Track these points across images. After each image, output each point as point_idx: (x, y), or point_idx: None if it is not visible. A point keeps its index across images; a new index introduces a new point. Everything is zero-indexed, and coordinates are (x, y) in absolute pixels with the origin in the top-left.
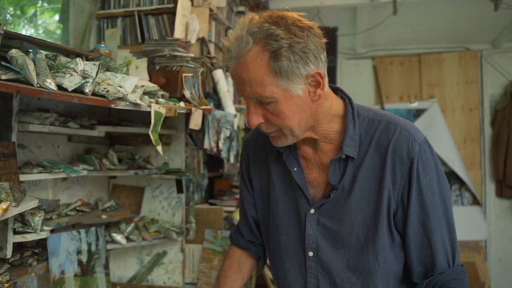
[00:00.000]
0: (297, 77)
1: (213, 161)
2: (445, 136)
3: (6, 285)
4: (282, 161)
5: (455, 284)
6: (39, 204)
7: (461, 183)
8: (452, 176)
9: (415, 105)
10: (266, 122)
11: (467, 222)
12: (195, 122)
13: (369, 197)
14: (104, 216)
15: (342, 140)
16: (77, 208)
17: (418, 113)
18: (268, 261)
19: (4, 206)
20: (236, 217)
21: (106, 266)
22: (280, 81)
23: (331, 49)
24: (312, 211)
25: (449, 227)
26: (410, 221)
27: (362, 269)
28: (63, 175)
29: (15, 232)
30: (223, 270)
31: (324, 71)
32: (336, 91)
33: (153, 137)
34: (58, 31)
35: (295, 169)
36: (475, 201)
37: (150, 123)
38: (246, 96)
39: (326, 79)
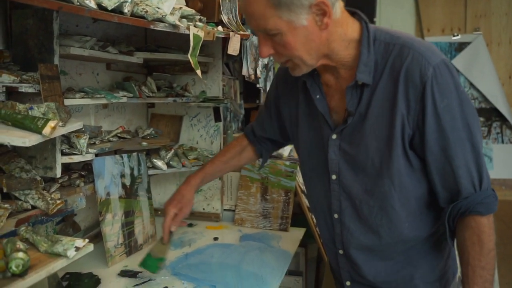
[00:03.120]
0: (298, 7)
1: (250, 92)
2: (488, 71)
3: (58, 201)
4: (307, 89)
5: (480, 208)
6: (83, 129)
7: (503, 120)
8: (494, 113)
9: (457, 38)
10: (276, 53)
11: (507, 160)
12: (234, 48)
13: (382, 123)
14: (144, 143)
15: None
16: (119, 134)
17: (460, 46)
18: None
19: (53, 124)
20: None
21: (148, 190)
22: (281, 13)
23: None
24: (334, 136)
25: (475, 151)
26: (429, 146)
27: (378, 193)
28: (104, 101)
29: (63, 154)
30: (227, 147)
31: None
32: (354, 14)
33: (192, 60)
34: None
35: (318, 96)
36: None
37: (187, 50)
38: (255, 29)
39: (336, 7)
